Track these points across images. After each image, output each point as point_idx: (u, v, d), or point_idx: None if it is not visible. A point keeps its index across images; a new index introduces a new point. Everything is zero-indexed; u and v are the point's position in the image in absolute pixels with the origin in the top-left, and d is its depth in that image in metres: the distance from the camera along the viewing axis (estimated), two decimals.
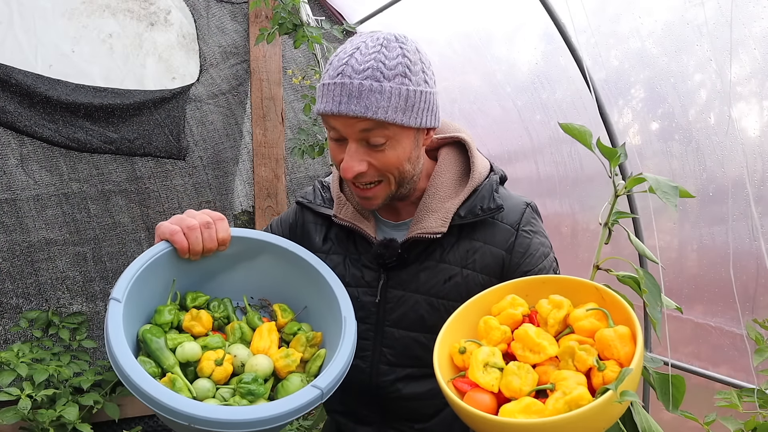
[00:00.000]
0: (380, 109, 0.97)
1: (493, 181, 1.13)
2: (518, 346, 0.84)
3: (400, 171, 1.06)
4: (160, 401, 0.87)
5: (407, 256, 1.12)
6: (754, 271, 1.59)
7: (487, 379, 0.81)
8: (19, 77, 2.51)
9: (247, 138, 2.99)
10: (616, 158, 0.84)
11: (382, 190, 1.07)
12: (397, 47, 1.00)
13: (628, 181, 0.84)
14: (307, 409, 0.94)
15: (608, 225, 0.87)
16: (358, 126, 0.99)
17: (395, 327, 1.15)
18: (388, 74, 0.97)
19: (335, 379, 0.98)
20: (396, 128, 1.01)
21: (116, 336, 0.93)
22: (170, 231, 1.05)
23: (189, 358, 1.03)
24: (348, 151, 1.02)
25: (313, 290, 1.15)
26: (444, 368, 0.86)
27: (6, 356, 2.40)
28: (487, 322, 0.88)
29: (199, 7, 2.80)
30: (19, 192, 2.61)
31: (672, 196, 0.77)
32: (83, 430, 2.41)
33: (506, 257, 1.10)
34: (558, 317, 0.84)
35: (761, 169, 1.52)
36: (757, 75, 1.49)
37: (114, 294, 0.98)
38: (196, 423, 0.86)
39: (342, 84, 0.97)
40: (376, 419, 1.22)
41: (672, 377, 0.87)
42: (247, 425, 0.88)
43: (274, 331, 1.12)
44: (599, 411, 0.69)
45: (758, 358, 1.16)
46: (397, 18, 2.60)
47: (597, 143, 0.85)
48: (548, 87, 2.16)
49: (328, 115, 1.00)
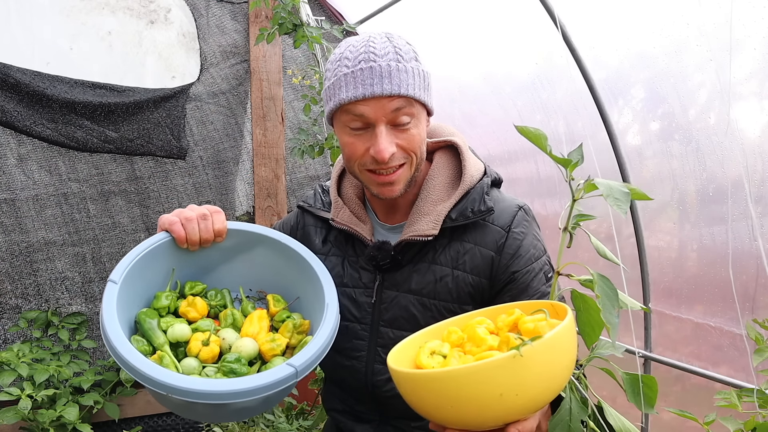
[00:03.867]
0: (410, 86, 1.04)
1: (485, 184, 1.15)
2: (468, 344, 0.91)
3: (420, 151, 1.11)
4: (141, 371, 0.94)
5: (401, 258, 1.15)
6: (753, 271, 1.59)
7: (430, 362, 0.88)
8: (17, 75, 2.50)
9: (247, 138, 2.99)
10: (572, 165, 0.85)
11: (404, 172, 1.11)
12: (398, 38, 1.09)
13: (585, 186, 0.85)
14: (280, 385, 0.98)
15: (568, 229, 0.88)
16: (390, 106, 1.04)
17: (389, 327, 1.17)
18: (406, 57, 1.06)
19: (310, 359, 1.02)
20: (419, 106, 1.08)
21: (109, 314, 1.01)
22: (169, 221, 1.13)
23: (179, 338, 1.10)
24: (380, 135, 1.05)
25: (306, 282, 1.19)
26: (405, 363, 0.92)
27: (6, 356, 2.40)
28: (449, 330, 0.95)
29: (199, 6, 2.80)
30: (18, 192, 2.61)
31: (623, 202, 0.78)
32: (83, 430, 2.41)
33: (495, 258, 1.12)
34: (508, 321, 0.91)
35: (761, 169, 1.52)
36: (757, 75, 1.49)
37: (111, 276, 1.06)
38: (173, 393, 0.93)
39: (371, 68, 1.03)
40: (374, 417, 1.23)
41: (642, 377, 0.89)
42: (220, 396, 0.94)
43: (264, 318, 1.17)
44: (502, 365, 0.75)
45: (758, 358, 1.16)
46: (397, 18, 2.60)
47: (549, 153, 0.87)
48: (548, 87, 2.16)
49: (358, 101, 1.04)
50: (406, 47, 1.07)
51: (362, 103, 1.04)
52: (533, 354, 0.75)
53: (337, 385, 1.28)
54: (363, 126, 1.06)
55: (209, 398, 0.93)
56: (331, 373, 1.29)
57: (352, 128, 1.07)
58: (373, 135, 1.05)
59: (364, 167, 1.09)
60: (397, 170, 1.09)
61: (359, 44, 1.06)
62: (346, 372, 1.21)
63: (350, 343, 1.19)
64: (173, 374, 0.96)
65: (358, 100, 1.03)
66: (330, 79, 1.08)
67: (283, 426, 2.56)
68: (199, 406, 1.00)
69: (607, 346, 0.90)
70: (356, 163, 1.10)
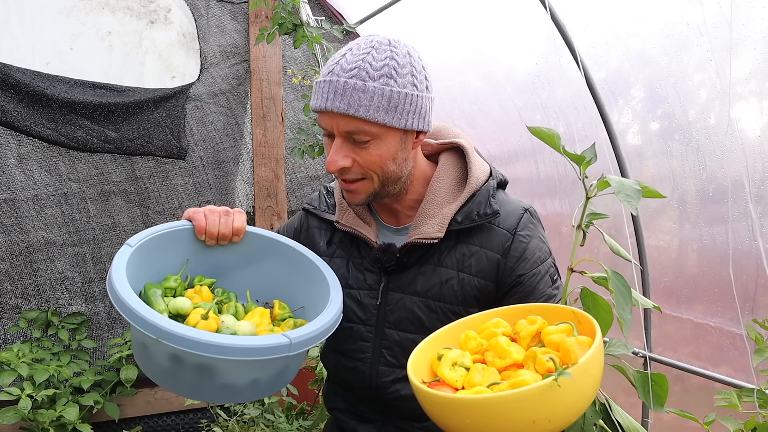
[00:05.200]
0: (362, 107, 1.01)
1: (491, 187, 1.14)
2: (489, 353, 0.89)
3: (383, 170, 1.09)
4: (135, 309, 0.94)
5: (406, 260, 1.15)
6: (753, 271, 1.59)
7: (453, 375, 0.86)
8: (17, 75, 2.50)
9: (247, 138, 2.99)
10: (585, 163, 0.85)
11: (364, 186, 1.11)
12: (388, 50, 1.04)
13: (599, 183, 0.85)
14: (272, 353, 0.96)
15: (581, 227, 0.88)
16: (342, 122, 1.04)
17: (394, 329, 1.17)
18: (374, 74, 1.02)
19: (306, 335, 1.00)
20: (380, 127, 1.04)
21: (118, 267, 1.02)
22: (193, 210, 1.18)
23: (179, 310, 1.10)
24: (334, 146, 1.07)
25: (315, 294, 1.18)
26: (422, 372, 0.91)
27: (6, 356, 2.40)
28: (467, 334, 0.93)
29: (199, 6, 2.80)
30: (18, 192, 2.61)
31: (634, 199, 0.78)
32: (83, 430, 2.41)
33: (501, 261, 1.11)
34: (530, 331, 0.89)
35: (761, 169, 1.52)
36: (757, 75, 1.49)
37: (128, 241, 1.10)
38: (164, 337, 0.92)
39: (330, 81, 1.03)
40: (377, 417, 1.23)
41: (653, 375, 0.89)
42: (207, 348, 0.92)
43: (266, 316, 1.17)
44: (538, 394, 0.73)
45: (758, 358, 1.16)
46: (397, 18, 2.60)
47: (563, 150, 0.86)
48: (548, 87, 2.16)
49: (317, 111, 1.06)
50: (382, 63, 1.02)
51: (321, 115, 1.06)
52: (569, 381, 0.73)
53: (341, 385, 1.28)
54: (328, 133, 1.09)
55: (197, 348, 0.91)
56: (334, 374, 1.30)
57: (324, 133, 1.11)
58: (333, 143, 1.08)
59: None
60: (356, 182, 1.10)
61: (340, 53, 1.06)
62: (350, 373, 1.21)
63: (355, 345, 1.19)
64: (166, 319, 0.95)
65: (319, 110, 1.05)
66: None
67: (283, 426, 2.56)
68: (185, 372, 0.99)
69: (618, 345, 0.89)
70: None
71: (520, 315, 0.95)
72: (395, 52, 1.04)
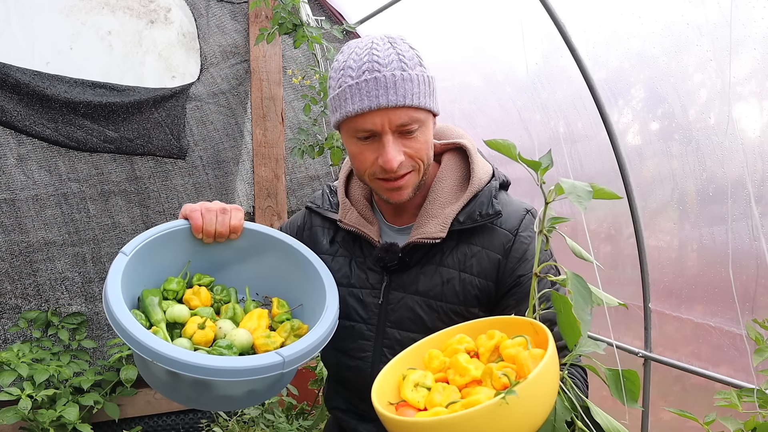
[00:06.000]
0: (415, 95, 1.03)
1: (493, 188, 1.15)
2: (451, 372, 0.90)
3: (427, 157, 1.11)
4: (131, 333, 0.94)
5: (408, 259, 1.15)
6: (754, 271, 1.59)
7: (415, 396, 0.87)
8: (17, 75, 2.50)
9: (247, 138, 2.99)
10: (542, 169, 0.86)
11: (412, 178, 1.11)
12: (402, 42, 1.07)
13: (556, 188, 0.85)
14: (264, 372, 0.97)
15: (543, 232, 0.88)
16: (395, 116, 1.03)
17: (396, 328, 1.17)
18: (410, 63, 1.04)
19: (299, 352, 1.01)
20: (426, 113, 1.07)
21: (113, 281, 1.02)
22: (190, 209, 1.17)
23: (176, 318, 1.11)
24: (387, 144, 1.05)
25: (312, 291, 1.19)
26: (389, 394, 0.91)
27: (6, 356, 2.40)
28: (431, 353, 0.94)
29: (199, 6, 2.80)
30: (18, 192, 2.61)
31: (584, 199, 0.79)
32: (83, 430, 2.41)
33: (502, 261, 1.12)
34: (489, 346, 0.90)
35: (761, 169, 1.52)
36: (757, 75, 1.49)
37: (123, 249, 1.08)
38: (158, 360, 0.93)
39: (375, 78, 1.02)
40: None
41: (624, 372, 0.89)
42: (202, 371, 0.93)
43: (264, 317, 1.18)
44: (489, 413, 0.73)
45: (758, 358, 1.16)
46: (397, 18, 2.60)
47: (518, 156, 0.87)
48: (548, 87, 2.16)
49: (364, 112, 1.03)
50: (409, 53, 1.06)
51: (368, 115, 1.03)
52: (518, 398, 0.74)
53: (342, 384, 1.29)
54: (370, 135, 1.06)
55: (191, 371, 0.92)
56: (335, 373, 1.30)
57: (360, 138, 1.07)
58: (381, 144, 1.05)
59: (374, 176, 1.10)
60: (405, 176, 1.09)
61: (362, 52, 1.05)
62: (351, 372, 1.22)
63: (356, 344, 1.20)
64: (161, 341, 0.96)
65: (364, 112, 1.03)
66: (335, 89, 1.08)
67: (283, 426, 2.56)
68: (183, 386, 1.00)
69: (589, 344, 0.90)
70: (366, 173, 1.11)
71: (483, 329, 0.95)
72: (408, 43, 1.08)
